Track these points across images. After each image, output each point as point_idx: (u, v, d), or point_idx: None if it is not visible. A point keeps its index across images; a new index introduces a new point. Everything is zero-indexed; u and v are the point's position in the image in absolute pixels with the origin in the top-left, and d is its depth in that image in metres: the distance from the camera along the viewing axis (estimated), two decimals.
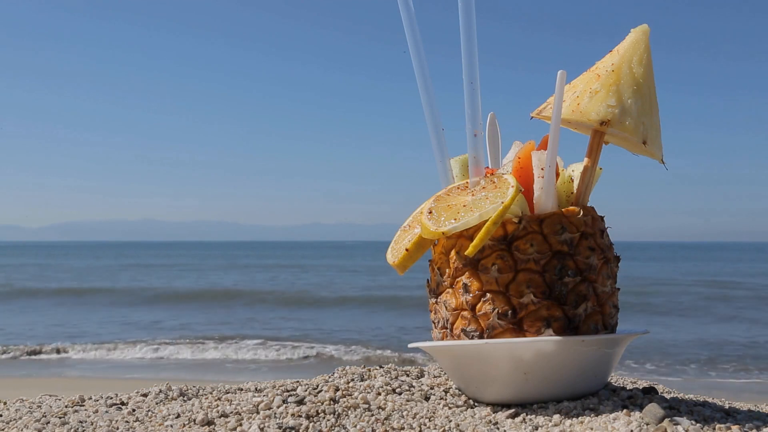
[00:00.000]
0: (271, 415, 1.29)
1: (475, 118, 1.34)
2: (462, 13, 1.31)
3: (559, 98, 1.27)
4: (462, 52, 1.31)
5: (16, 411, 1.46)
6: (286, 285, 18.71)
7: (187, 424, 1.29)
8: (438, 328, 1.38)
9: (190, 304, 14.12)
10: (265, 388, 1.51)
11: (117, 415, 1.37)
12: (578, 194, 1.34)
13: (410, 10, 1.36)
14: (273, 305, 13.57)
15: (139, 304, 14.11)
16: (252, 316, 12.14)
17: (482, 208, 1.24)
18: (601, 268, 1.31)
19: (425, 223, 1.29)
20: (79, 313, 12.79)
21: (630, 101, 1.29)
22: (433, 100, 1.38)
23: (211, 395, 1.49)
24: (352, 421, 1.27)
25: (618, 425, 1.16)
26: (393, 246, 1.45)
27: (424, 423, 1.27)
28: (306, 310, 12.55)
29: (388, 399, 1.37)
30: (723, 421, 1.21)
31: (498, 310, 1.27)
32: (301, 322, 11.11)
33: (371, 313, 12.45)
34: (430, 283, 1.40)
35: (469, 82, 1.32)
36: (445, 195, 1.35)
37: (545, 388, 1.30)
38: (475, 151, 1.35)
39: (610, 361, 1.34)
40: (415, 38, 1.36)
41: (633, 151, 1.38)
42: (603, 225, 1.36)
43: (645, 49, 1.32)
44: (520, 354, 1.26)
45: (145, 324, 11.06)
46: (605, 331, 1.32)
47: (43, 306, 13.88)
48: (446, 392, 1.44)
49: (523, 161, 1.34)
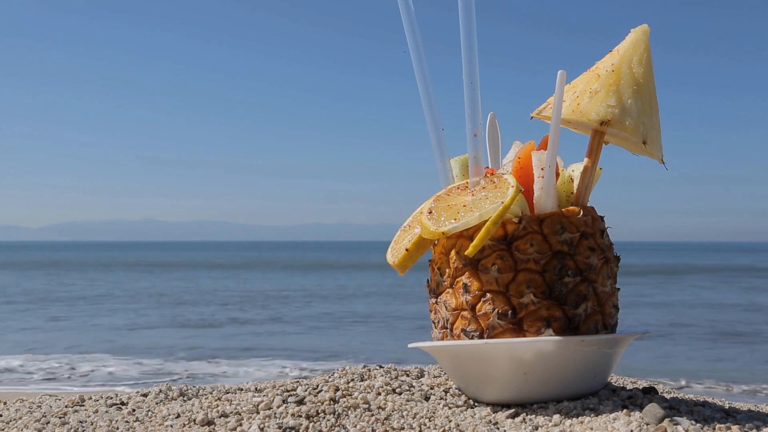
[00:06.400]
0: (271, 415, 1.29)
1: (475, 118, 1.34)
2: (462, 13, 1.31)
3: (559, 98, 1.27)
4: (462, 52, 1.31)
5: (16, 411, 1.46)
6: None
7: (187, 424, 1.29)
8: (438, 328, 1.38)
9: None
10: (265, 388, 1.51)
11: (117, 415, 1.37)
12: (578, 194, 1.34)
13: (410, 10, 1.36)
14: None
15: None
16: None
17: (482, 208, 1.24)
18: (601, 268, 1.31)
19: (425, 223, 1.29)
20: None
21: (630, 101, 1.29)
22: (433, 100, 1.38)
23: (211, 395, 1.49)
24: (352, 421, 1.27)
25: (618, 425, 1.16)
26: (393, 246, 1.45)
27: (424, 423, 1.27)
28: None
29: (388, 399, 1.37)
30: (723, 421, 1.21)
31: (498, 310, 1.27)
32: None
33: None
34: (430, 283, 1.40)
35: (469, 82, 1.32)
36: (445, 195, 1.35)
37: (545, 388, 1.30)
38: (475, 151, 1.35)
39: (610, 361, 1.34)
40: (415, 38, 1.36)
41: (633, 151, 1.38)
42: (603, 225, 1.36)
43: (645, 49, 1.32)
44: (520, 354, 1.26)
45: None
46: (605, 331, 1.32)
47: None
48: (446, 392, 1.44)
49: (523, 161, 1.34)
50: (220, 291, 17.23)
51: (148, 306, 13.94)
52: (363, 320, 11.63)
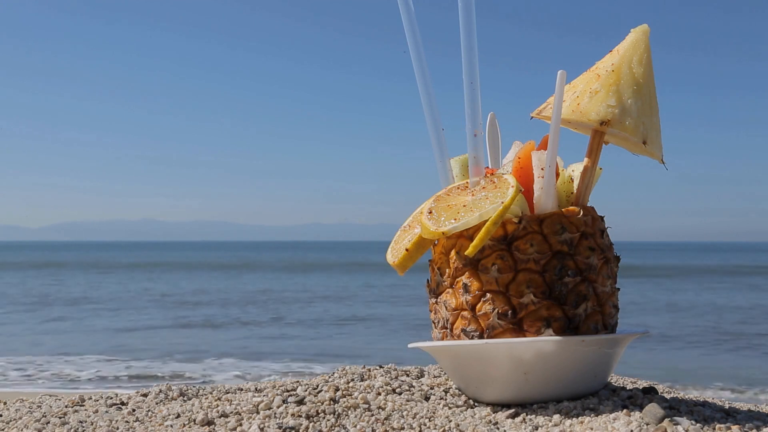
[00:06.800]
0: (271, 415, 1.29)
1: (475, 118, 1.34)
2: (462, 13, 1.31)
3: (559, 98, 1.27)
4: (462, 52, 1.31)
5: (16, 411, 1.46)
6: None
7: (187, 424, 1.29)
8: (438, 328, 1.38)
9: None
10: (265, 388, 1.51)
11: (117, 415, 1.37)
12: (578, 194, 1.34)
13: (410, 10, 1.36)
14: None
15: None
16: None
17: (482, 208, 1.24)
18: (601, 268, 1.31)
19: (425, 223, 1.29)
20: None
21: (630, 101, 1.29)
22: (433, 100, 1.38)
23: (211, 395, 1.49)
24: (352, 421, 1.27)
25: (618, 425, 1.16)
26: (393, 246, 1.45)
27: (424, 423, 1.27)
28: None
29: (388, 399, 1.37)
30: (723, 421, 1.21)
31: (498, 310, 1.27)
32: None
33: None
34: (430, 283, 1.40)
35: (469, 82, 1.32)
36: (445, 195, 1.35)
37: (545, 388, 1.30)
38: (475, 151, 1.35)
39: (610, 361, 1.34)
40: (415, 38, 1.36)
41: (633, 151, 1.38)
42: (603, 225, 1.36)
43: (645, 49, 1.32)
44: (520, 354, 1.26)
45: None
46: (605, 331, 1.32)
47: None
48: (446, 392, 1.44)
49: (523, 161, 1.34)
50: (221, 291, 17.23)
51: (148, 306, 13.93)
52: (363, 320, 11.63)
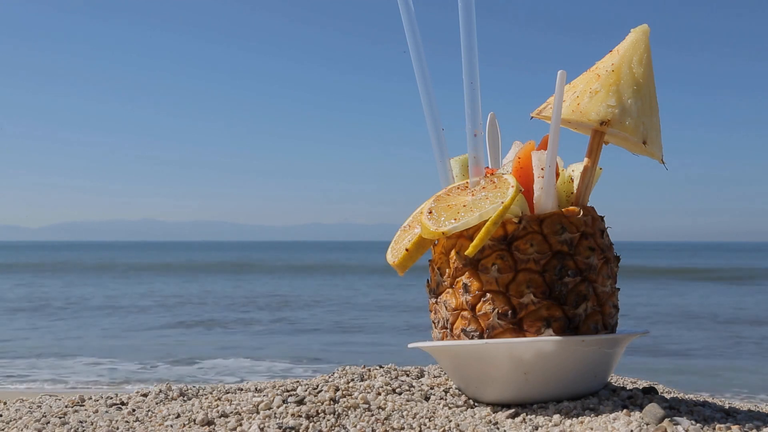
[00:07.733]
0: (271, 415, 1.29)
1: (475, 118, 1.34)
2: (462, 13, 1.31)
3: (559, 98, 1.27)
4: (462, 52, 1.31)
5: (16, 411, 1.46)
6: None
7: (187, 424, 1.29)
8: (438, 328, 1.38)
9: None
10: (265, 388, 1.51)
11: (117, 415, 1.37)
12: (578, 194, 1.34)
13: (410, 10, 1.36)
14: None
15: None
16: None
17: (482, 208, 1.24)
18: (601, 268, 1.31)
19: (425, 223, 1.29)
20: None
21: (630, 101, 1.29)
22: (433, 100, 1.38)
23: (211, 395, 1.49)
24: (352, 421, 1.27)
25: (618, 425, 1.16)
26: (393, 246, 1.45)
27: (424, 423, 1.27)
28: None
29: (388, 399, 1.37)
30: (723, 421, 1.21)
31: (498, 310, 1.27)
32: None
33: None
34: (430, 283, 1.40)
35: (469, 82, 1.32)
36: (445, 195, 1.35)
37: (545, 388, 1.30)
38: (475, 151, 1.35)
39: (610, 361, 1.34)
40: (415, 38, 1.36)
41: (633, 151, 1.38)
42: (603, 225, 1.36)
43: (645, 49, 1.32)
44: (520, 354, 1.26)
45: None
46: (605, 331, 1.32)
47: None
48: (446, 392, 1.44)
49: (523, 161, 1.34)
50: (221, 291, 17.23)
51: (148, 306, 13.93)
52: (363, 320, 11.63)
